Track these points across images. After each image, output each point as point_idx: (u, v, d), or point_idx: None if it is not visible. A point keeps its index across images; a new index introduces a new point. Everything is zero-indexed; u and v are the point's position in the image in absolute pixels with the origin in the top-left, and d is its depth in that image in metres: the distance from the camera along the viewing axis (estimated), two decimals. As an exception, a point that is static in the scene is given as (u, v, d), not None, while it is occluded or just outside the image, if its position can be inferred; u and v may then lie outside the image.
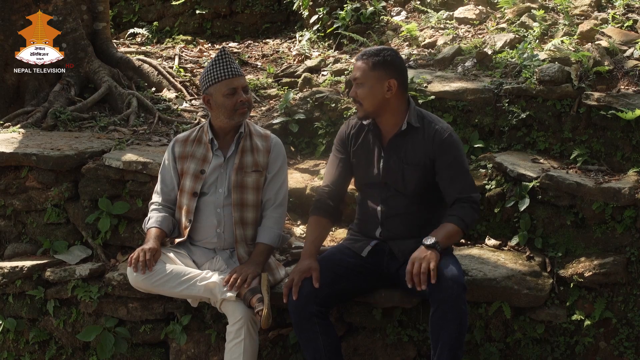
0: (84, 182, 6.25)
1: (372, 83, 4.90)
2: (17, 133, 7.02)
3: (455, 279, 4.59)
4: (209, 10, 11.29)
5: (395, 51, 5.06)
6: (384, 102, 4.94)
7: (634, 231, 5.54)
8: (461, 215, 4.83)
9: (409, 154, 4.98)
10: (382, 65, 4.90)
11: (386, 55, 4.93)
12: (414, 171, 4.97)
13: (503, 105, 6.37)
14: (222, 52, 5.22)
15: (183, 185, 5.30)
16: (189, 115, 7.95)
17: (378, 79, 4.90)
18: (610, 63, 6.40)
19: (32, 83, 8.05)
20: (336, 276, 4.92)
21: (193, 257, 5.26)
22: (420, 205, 5.03)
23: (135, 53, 9.56)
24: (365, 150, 5.12)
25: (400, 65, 4.99)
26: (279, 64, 9.44)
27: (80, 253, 6.18)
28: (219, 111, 5.19)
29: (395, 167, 5.01)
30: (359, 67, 4.96)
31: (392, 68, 4.92)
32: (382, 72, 4.90)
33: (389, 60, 4.92)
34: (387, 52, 4.96)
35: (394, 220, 5.05)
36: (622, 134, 5.98)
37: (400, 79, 4.96)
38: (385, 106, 4.96)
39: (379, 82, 4.89)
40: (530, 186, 5.76)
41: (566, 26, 7.31)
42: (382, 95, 4.91)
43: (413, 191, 5.00)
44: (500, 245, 5.88)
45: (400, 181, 5.01)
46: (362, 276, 5.06)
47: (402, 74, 4.98)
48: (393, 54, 4.97)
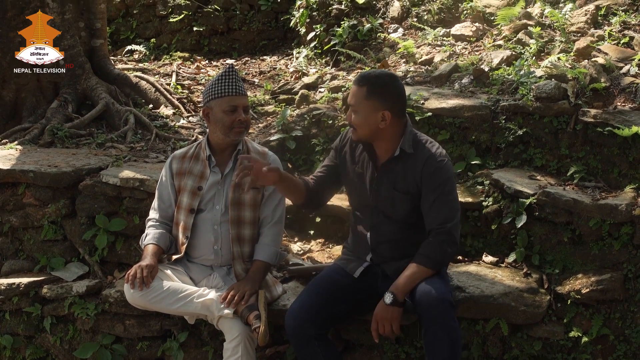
0: (81, 199, 6.25)
1: (366, 112, 4.80)
2: (15, 150, 7.02)
3: (441, 298, 4.58)
4: (206, 28, 11.31)
5: (393, 77, 4.93)
6: (378, 130, 4.84)
7: (631, 248, 5.54)
8: (428, 253, 4.73)
9: (400, 181, 4.89)
10: (377, 95, 4.77)
11: (382, 84, 4.80)
12: (403, 199, 4.90)
13: (500, 122, 6.38)
14: (230, 69, 5.23)
15: (180, 201, 5.30)
16: (186, 132, 7.96)
17: (372, 109, 4.78)
18: (606, 80, 6.41)
19: (29, 99, 8.06)
20: (332, 298, 4.92)
21: (190, 274, 5.26)
22: (410, 231, 4.97)
23: (133, 70, 9.56)
24: (359, 171, 5.07)
25: (396, 94, 4.85)
26: (276, 80, 9.46)
27: (77, 270, 6.17)
28: (216, 126, 5.20)
29: (386, 193, 4.94)
30: (354, 93, 4.85)
31: (387, 98, 4.79)
32: (376, 102, 4.77)
33: (384, 90, 4.79)
34: (383, 79, 4.83)
35: (384, 245, 5.03)
36: (618, 150, 5.99)
37: (396, 108, 4.82)
38: (379, 133, 4.86)
39: (373, 112, 4.78)
40: (527, 203, 5.76)
41: (563, 43, 7.32)
42: (376, 124, 4.80)
43: (402, 218, 4.96)
44: (498, 262, 5.88)
45: (390, 207, 4.96)
46: (358, 297, 5.05)
47: (397, 104, 4.84)
48: (389, 82, 4.84)
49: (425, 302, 4.58)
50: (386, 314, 4.66)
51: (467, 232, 6.02)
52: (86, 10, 8.52)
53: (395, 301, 4.64)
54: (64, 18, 8.06)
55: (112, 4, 11.68)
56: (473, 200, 6.03)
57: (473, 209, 6.00)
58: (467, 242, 6.02)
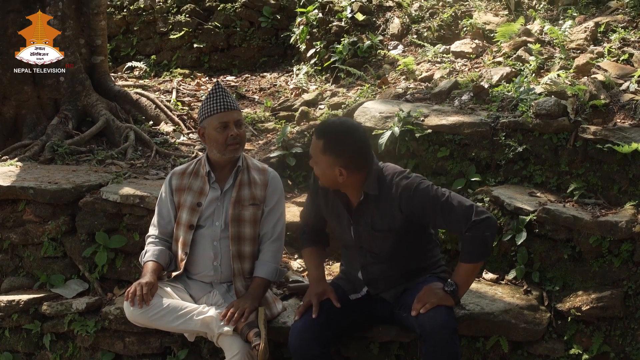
0: (81, 215, 6.25)
1: (323, 166, 4.73)
2: (15, 166, 7.03)
3: (444, 325, 4.56)
4: (206, 44, 11.33)
5: (351, 131, 4.74)
6: (340, 183, 4.76)
7: (631, 265, 5.54)
8: (469, 250, 4.69)
9: (377, 221, 4.81)
10: (332, 151, 4.65)
11: (338, 140, 4.67)
12: (385, 237, 4.84)
13: (500, 139, 6.38)
14: (216, 86, 5.24)
15: (180, 217, 5.30)
16: (186, 148, 7.96)
17: (328, 164, 4.69)
18: (606, 97, 6.42)
19: (30, 116, 8.07)
20: (334, 316, 4.90)
21: (190, 291, 5.25)
22: (402, 263, 4.94)
23: (133, 86, 9.58)
24: (335, 213, 5.02)
25: (353, 150, 4.69)
26: (276, 97, 9.48)
27: (77, 287, 6.16)
28: (211, 145, 5.21)
29: (366, 234, 4.88)
30: (313, 145, 4.76)
31: (343, 155, 4.65)
32: (331, 159, 4.66)
33: (340, 147, 4.65)
34: (340, 134, 4.69)
35: (377, 281, 5.01)
36: (618, 167, 5.99)
37: (353, 165, 4.69)
38: (342, 185, 4.79)
39: (330, 167, 4.69)
40: (527, 220, 5.76)
41: (562, 60, 7.33)
42: (335, 178, 4.72)
43: (390, 255, 4.90)
44: (498, 279, 5.88)
45: (374, 247, 4.91)
46: (358, 314, 5.05)
47: (354, 160, 4.70)
48: (345, 138, 4.68)
49: (428, 326, 4.57)
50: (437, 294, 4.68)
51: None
52: (87, 27, 8.54)
53: (454, 292, 4.69)
54: (64, 35, 8.08)
55: (113, 21, 11.71)
56: (473, 217, 6.02)
57: (473, 226, 5.99)
58: (467, 259, 6.01)
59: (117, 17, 11.89)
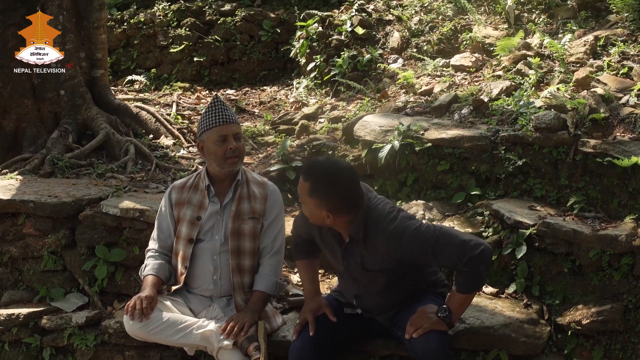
0: (81, 229, 6.25)
1: (310, 208, 4.63)
2: (15, 180, 7.03)
3: (437, 349, 4.53)
4: (206, 58, 11.35)
5: (338, 174, 4.59)
6: (327, 224, 4.67)
7: (631, 278, 5.54)
8: (463, 281, 4.56)
9: (367, 261, 4.71)
10: (318, 195, 4.54)
11: (324, 184, 4.54)
12: (377, 277, 4.77)
13: (499, 153, 6.39)
14: (215, 99, 5.24)
15: (179, 231, 5.29)
16: (186, 162, 7.97)
17: (315, 206, 4.58)
18: (606, 110, 6.42)
19: (30, 130, 8.08)
20: (331, 330, 4.90)
21: (190, 305, 5.24)
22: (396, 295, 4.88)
23: (133, 100, 9.60)
24: (328, 244, 4.93)
25: (339, 195, 4.54)
26: (276, 111, 9.49)
27: (77, 300, 6.15)
28: (210, 158, 5.21)
29: (357, 271, 4.80)
30: (300, 186, 4.66)
31: (328, 200, 4.54)
32: (317, 202, 4.56)
33: (325, 191, 4.53)
34: (326, 179, 4.55)
35: (371, 308, 4.99)
36: (618, 181, 5.99)
37: (339, 209, 4.56)
38: (329, 224, 4.68)
39: (317, 209, 4.59)
40: (527, 233, 5.76)
41: (562, 73, 7.34)
42: (323, 219, 4.62)
43: (383, 289, 4.84)
44: (498, 292, 5.87)
45: (367, 282, 4.84)
46: (353, 326, 5.05)
47: (340, 205, 4.56)
48: (331, 183, 4.55)
49: (420, 350, 4.56)
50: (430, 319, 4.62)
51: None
52: (87, 40, 8.55)
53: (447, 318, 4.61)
54: (65, 48, 8.09)
55: (113, 34, 11.73)
56: (473, 230, 6.03)
57: (473, 240, 5.99)
58: (467, 273, 6.01)
59: (117, 30, 11.91)
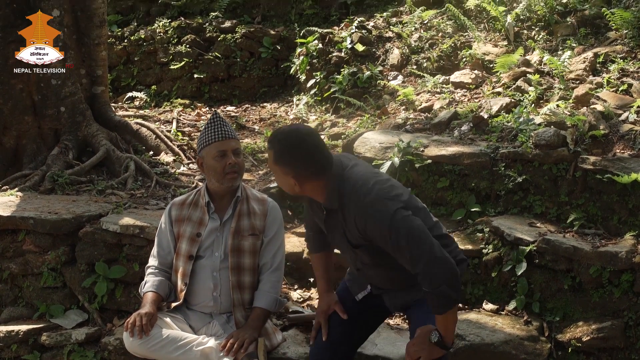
0: (81, 245, 6.25)
1: (278, 176, 4.44)
2: (15, 196, 7.03)
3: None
4: (207, 75, 11.35)
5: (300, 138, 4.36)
6: (300, 192, 4.42)
7: (631, 295, 5.54)
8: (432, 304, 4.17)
9: (349, 234, 4.39)
10: (282, 161, 4.32)
11: (286, 148, 4.32)
12: (364, 251, 4.44)
13: (499, 169, 6.39)
14: (213, 115, 5.24)
15: (179, 248, 5.29)
16: (186, 179, 7.97)
17: (282, 174, 4.36)
18: (605, 127, 6.43)
19: (30, 146, 8.08)
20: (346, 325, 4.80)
21: (189, 321, 5.23)
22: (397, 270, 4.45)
23: (134, 116, 9.60)
24: (319, 218, 4.70)
25: (302, 159, 4.31)
26: (276, 127, 9.48)
27: (77, 317, 6.15)
28: (210, 174, 5.20)
29: (344, 244, 4.53)
30: (268, 154, 4.47)
31: (292, 165, 4.31)
32: (282, 169, 4.34)
33: (289, 156, 4.32)
34: (288, 143, 4.34)
35: (377, 282, 4.71)
36: (618, 197, 6.00)
37: (305, 170, 4.31)
38: (304, 193, 4.45)
39: (284, 177, 4.37)
40: (527, 250, 5.76)
41: (561, 90, 7.36)
42: (292, 189, 4.40)
43: (377, 263, 4.50)
44: (498, 309, 5.87)
45: (355, 256, 4.58)
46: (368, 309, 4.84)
47: (305, 169, 4.32)
48: (293, 146, 4.33)
49: None
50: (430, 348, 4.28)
51: (467, 280, 6.02)
52: (87, 57, 8.57)
53: (440, 342, 4.26)
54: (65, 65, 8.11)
55: (114, 51, 11.75)
56: (473, 247, 6.03)
57: (473, 257, 6.00)
58: (467, 290, 6.02)
59: (117, 47, 11.93)
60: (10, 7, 7.84)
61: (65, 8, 8.18)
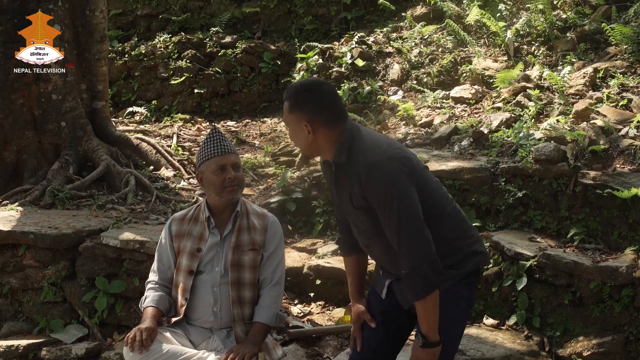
0: (81, 260, 6.25)
1: (292, 126, 4.34)
2: (15, 211, 7.03)
3: None
4: (207, 90, 11.38)
5: (316, 85, 4.35)
6: (313, 144, 4.32)
7: (632, 310, 5.53)
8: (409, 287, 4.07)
9: (353, 195, 4.24)
10: (297, 107, 4.27)
11: (301, 94, 4.29)
12: (364, 215, 4.26)
13: (499, 184, 6.40)
14: (212, 130, 5.24)
15: (179, 263, 5.28)
16: (186, 193, 7.97)
17: (296, 123, 4.28)
18: (605, 142, 6.44)
19: (30, 161, 8.09)
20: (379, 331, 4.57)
21: (190, 336, 5.22)
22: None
23: (134, 131, 9.62)
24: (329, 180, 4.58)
25: (318, 102, 4.26)
26: (276, 142, 9.50)
27: (77, 332, 6.15)
28: (209, 188, 5.20)
29: (348, 207, 4.35)
30: (283, 108, 4.39)
31: (307, 109, 4.25)
32: (297, 115, 4.27)
33: (304, 100, 4.26)
34: (304, 89, 4.32)
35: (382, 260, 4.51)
36: (618, 212, 6.00)
37: (319, 118, 4.24)
38: (316, 147, 4.34)
39: (298, 126, 4.28)
40: (527, 265, 5.76)
41: (561, 105, 7.37)
42: (305, 138, 4.29)
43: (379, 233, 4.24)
44: (498, 324, 5.86)
45: (358, 222, 4.38)
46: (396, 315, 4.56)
47: (321, 111, 4.26)
48: (309, 91, 4.30)
49: None
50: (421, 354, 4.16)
51: (467, 295, 6.01)
52: (88, 72, 8.60)
53: (426, 343, 4.14)
54: (65, 80, 8.13)
55: (114, 66, 11.78)
56: (473, 262, 6.02)
57: (473, 271, 5.99)
58: (468, 305, 6.01)
59: (118, 62, 11.96)
60: (11, 22, 7.86)
61: (66, 24, 8.21)
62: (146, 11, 12.85)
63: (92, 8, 8.54)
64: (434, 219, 4.15)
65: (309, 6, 11.80)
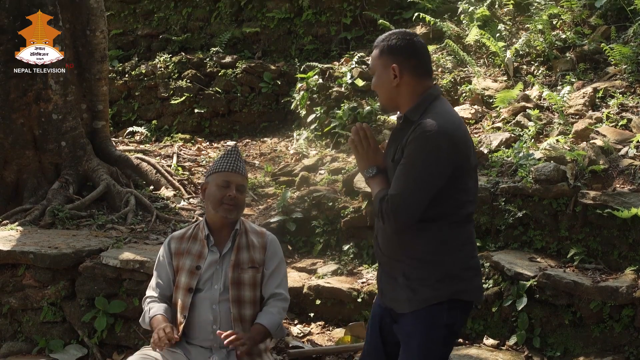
0: (81, 280, 6.25)
1: (379, 71, 4.23)
2: (15, 231, 7.03)
3: None
4: (207, 110, 11.40)
5: (408, 33, 4.26)
6: (395, 92, 4.20)
7: (632, 330, 5.52)
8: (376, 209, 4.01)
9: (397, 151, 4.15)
10: (387, 50, 4.21)
11: (392, 38, 4.22)
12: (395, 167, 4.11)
13: (499, 204, 6.40)
14: (233, 148, 5.26)
15: (178, 281, 5.27)
16: (186, 213, 7.97)
17: (384, 67, 4.20)
18: (605, 162, 6.44)
19: (30, 181, 8.10)
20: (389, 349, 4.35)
21: (189, 356, 5.20)
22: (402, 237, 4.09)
23: (134, 151, 9.63)
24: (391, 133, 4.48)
25: (408, 47, 4.19)
26: (276, 162, 9.51)
27: (76, 352, 6.14)
28: (208, 201, 5.19)
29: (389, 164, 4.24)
30: (371, 56, 4.33)
31: (397, 52, 4.17)
32: (386, 58, 4.20)
33: (394, 44, 4.20)
34: (396, 35, 4.24)
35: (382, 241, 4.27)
36: (618, 232, 6.00)
37: (408, 62, 4.16)
38: (397, 97, 4.21)
39: (385, 70, 4.19)
40: (527, 285, 5.76)
41: (561, 125, 7.38)
42: (390, 84, 4.18)
43: None
44: (499, 344, 5.85)
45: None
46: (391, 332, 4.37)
47: (411, 57, 4.17)
48: (401, 37, 4.22)
49: None
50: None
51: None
52: (88, 92, 8.62)
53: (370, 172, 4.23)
54: (66, 100, 8.15)
55: (114, 86, 11.81)
56: (473, 282, 6.02)
57: (473, 291, 5.98)
58: (468, 325, 6.00)
59: (118, 82, 12.00)
60: (12, 42, 7.88)
61: (66, 44, 8.23)
62: (146, 31, 12.91)
63: (92, 28, 8.58)
64: (443, 219, 4.03)
65: (309, 26, 11.84)
